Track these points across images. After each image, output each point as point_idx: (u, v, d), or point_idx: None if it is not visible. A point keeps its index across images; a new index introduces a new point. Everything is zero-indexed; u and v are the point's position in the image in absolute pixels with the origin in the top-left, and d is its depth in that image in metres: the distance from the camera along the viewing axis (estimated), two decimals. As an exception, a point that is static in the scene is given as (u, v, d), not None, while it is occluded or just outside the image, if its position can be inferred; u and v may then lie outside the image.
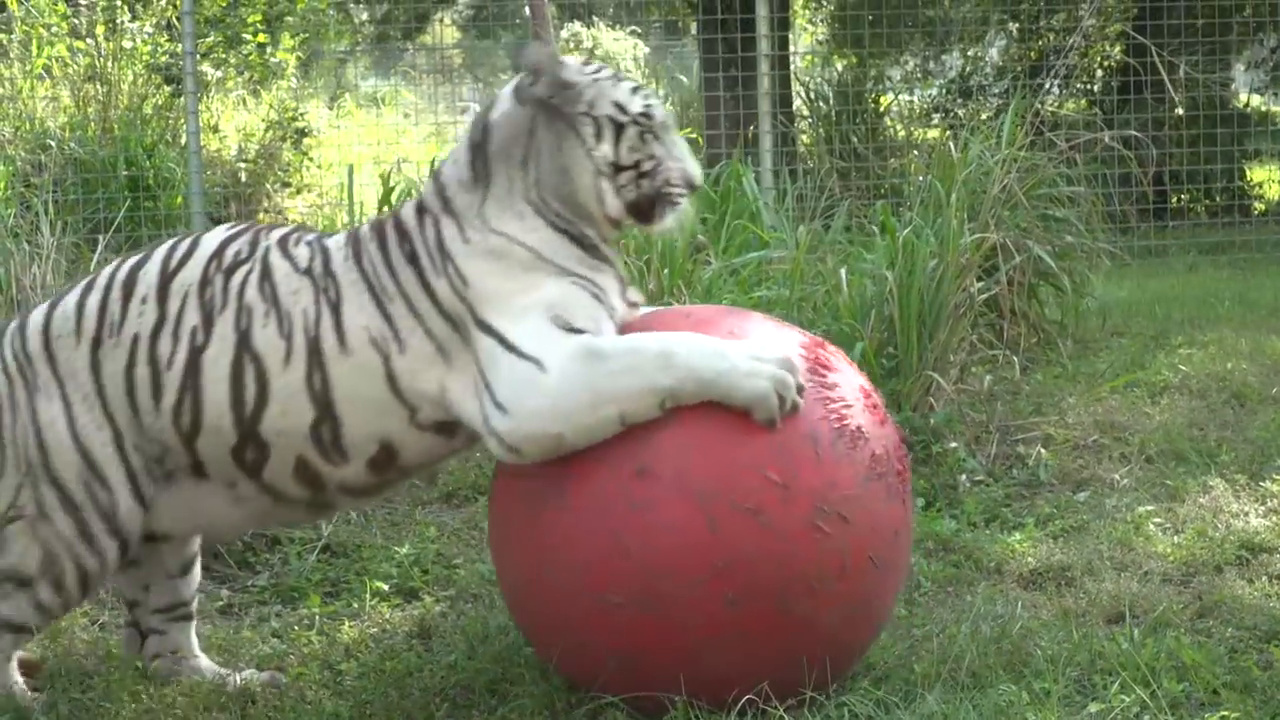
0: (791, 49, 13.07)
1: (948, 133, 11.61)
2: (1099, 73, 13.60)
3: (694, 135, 11.61)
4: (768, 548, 3.33)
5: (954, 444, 5.64)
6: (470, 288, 3.51)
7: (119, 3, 10.96)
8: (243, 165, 11.70)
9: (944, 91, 13.79)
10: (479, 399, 3.46)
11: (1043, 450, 5.78)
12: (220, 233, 3.76)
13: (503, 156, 3.61)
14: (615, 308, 3.59)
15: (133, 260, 3.75)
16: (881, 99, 12.58)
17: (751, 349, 3.41)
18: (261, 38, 12.64)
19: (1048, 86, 12.45)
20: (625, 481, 3.37)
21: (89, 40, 10.42)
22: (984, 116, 12.06)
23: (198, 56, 10.27)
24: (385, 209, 7.22)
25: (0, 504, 3.64)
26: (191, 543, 3.99)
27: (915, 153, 11.46)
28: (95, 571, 3.65)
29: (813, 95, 11.86)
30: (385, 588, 4.65)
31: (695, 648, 3.38)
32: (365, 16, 16.27)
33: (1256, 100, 14.81)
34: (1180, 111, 12.49)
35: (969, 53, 14.00)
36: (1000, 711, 3.46)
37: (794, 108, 11.93)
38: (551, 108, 3.59)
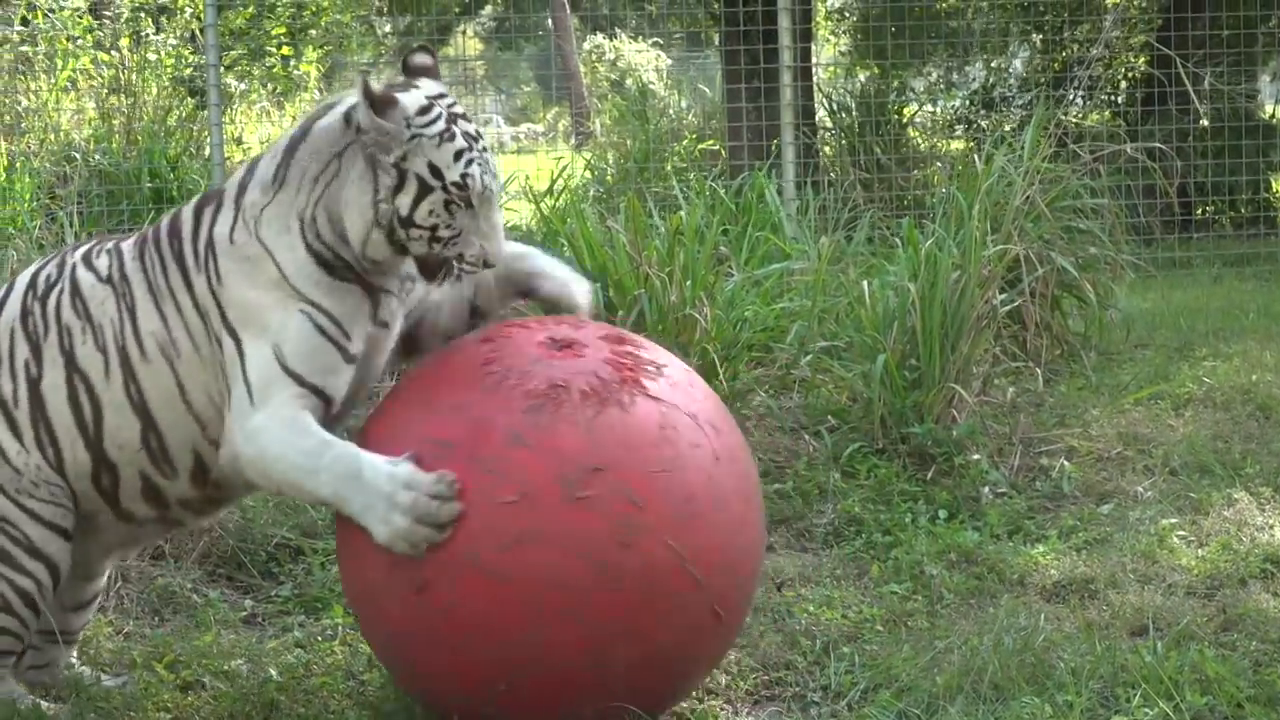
0: (814, 60, 13.06)
1: (971, 144, 11.62)
2: (1123, 84, 13.54)
3: (717, 147, 11.64)
4: (563, 561, 3.25)
5: (977, 456, 5.63)
6: (224, 287, 3.54)
7: (143, 15, 11.02)
8: (266, 177, 11.73)
9: (967, 103, 13.76)
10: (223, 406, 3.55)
11: (1066, 462, 5.77)
12: (33, 266, 3.80)
13: (302, 165, 3.55)
14: (351, 334, 3.53)
15: None
16: (904, 110, 12.56)
17: (405, 477, 3.30)
18: (285, 50, 12.71)
19: (1071, 98, 12.44)
20: (412, 603, 3.35)
21: (113, 53, 10.48)
22: (1007, 128, 12.06)
23: (222, 69, 10.32)
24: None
25: None
26: (89, 585, 4.01)
27: (938, 164, 11.44)
28: (33, 590, 3.67)
29: (835, 107, 11.85)
30: (407, 598, 4.65)
31: (598, 672, 3.33)
32: (388, 29, 16.33)
33: (1282, 112, 14.74)
34: (1205, 123, 12.43)
35: (992, 64, 13.97)
36: (1023, 724, 3.46)
37: (817, 119, 11.92)
38: (366, 142, 3.49)
